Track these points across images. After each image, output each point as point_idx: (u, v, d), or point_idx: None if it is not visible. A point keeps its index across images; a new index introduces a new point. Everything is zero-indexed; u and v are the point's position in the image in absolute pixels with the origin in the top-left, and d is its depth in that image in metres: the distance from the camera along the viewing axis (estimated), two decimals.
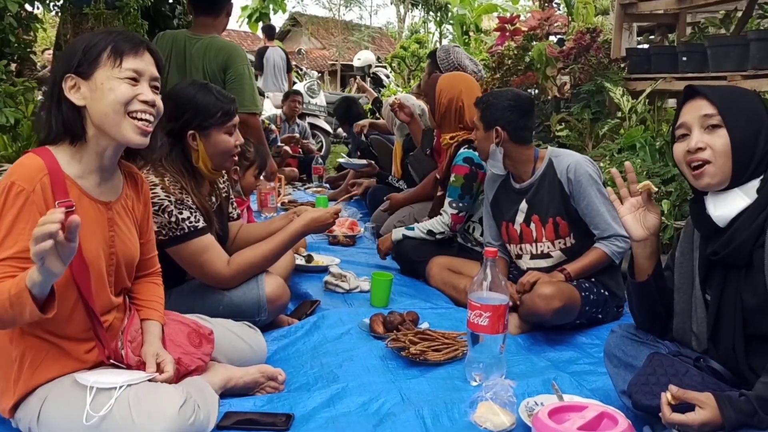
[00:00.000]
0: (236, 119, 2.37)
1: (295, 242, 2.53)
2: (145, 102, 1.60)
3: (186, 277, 2.40)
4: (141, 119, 1.60)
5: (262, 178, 3.80)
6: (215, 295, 2.32)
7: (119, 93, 1.57)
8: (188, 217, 2.21)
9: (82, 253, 1.56)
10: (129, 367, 1.68)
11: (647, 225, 1.74)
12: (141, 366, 1.69)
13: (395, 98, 4.33)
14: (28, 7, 3.64)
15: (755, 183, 1.59)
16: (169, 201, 2.18)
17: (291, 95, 7.71)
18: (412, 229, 3.29)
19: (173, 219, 2.18)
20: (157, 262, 1.94)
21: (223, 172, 2.63)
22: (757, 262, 1.55)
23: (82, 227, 1.56)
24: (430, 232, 3.23)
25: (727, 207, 1.60)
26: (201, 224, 2.24)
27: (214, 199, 2.47)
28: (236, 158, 2.42)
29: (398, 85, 11.10)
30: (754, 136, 1.59)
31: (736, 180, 1.59)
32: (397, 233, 3.32)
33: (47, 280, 1.34)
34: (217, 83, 3.21)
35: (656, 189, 1.70)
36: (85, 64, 1.59)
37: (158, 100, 1.65)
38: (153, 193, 2.14)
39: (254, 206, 4.57)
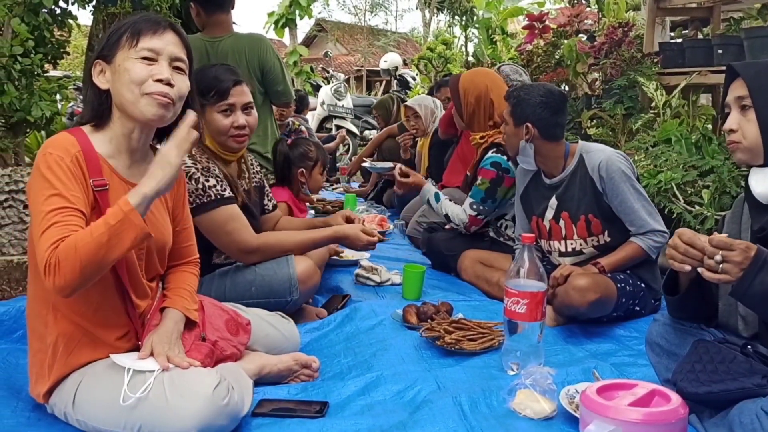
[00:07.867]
0: (235, 99, 2.29)
1: (321, 246, 2.56)
2: (159, 81, 1.57)
3: (214, 262, 2.40)
4: (157, 97, 1.57)
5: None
6: (246, 276, 2.33)
7: (133, 73, 1.56)
8: (215, 185, 2.21)
9: None
10: None
11: None
12: None
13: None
14: (62, 3, 3.65)
15: None
16: (196, 168, 2.19)
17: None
18: (439, 199, 3.21)
19: (200, 186, 2.18)
20: (195, 252, 1.92)
21: (252, 160, 2.63)
22: None
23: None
24: (447, 216, 3.18)
25: (767, 183, 1.59)
26: (227, 193, 2.24)
27: (244, 184, 2.47)
28: (242, 138, 2.34)
29: (424, 87, 10.97)
30: None
31: None
32: (428, 193, 3.22)
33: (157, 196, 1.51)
34: (255, 80, 3.30)
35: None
36: (108, 48, 1.60)
37: (180, 79, 1.62)
38: None
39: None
